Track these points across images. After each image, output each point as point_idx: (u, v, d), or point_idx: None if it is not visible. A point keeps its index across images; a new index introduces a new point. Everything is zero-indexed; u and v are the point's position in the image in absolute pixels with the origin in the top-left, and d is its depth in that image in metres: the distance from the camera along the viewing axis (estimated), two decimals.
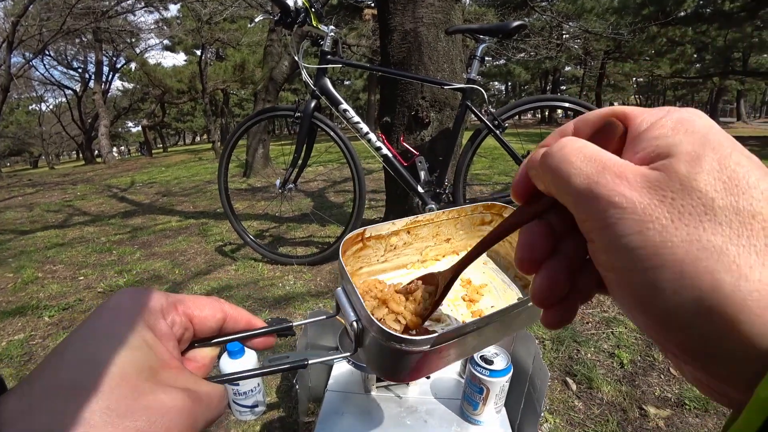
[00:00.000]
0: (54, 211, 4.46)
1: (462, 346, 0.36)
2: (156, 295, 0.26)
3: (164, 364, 0.23)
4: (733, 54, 18.83)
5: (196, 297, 0.28)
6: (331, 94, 1.87)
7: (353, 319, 0.33)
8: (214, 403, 0.24)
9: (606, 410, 1.17)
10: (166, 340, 0.25)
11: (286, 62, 5.17)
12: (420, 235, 0.50)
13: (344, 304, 0.35)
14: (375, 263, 0.50)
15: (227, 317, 0.29)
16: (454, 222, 0.51)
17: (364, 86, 22.76)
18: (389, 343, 0.31)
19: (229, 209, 2.24)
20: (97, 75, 14.30)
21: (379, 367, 0.35)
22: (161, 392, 0.21)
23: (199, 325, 0.28)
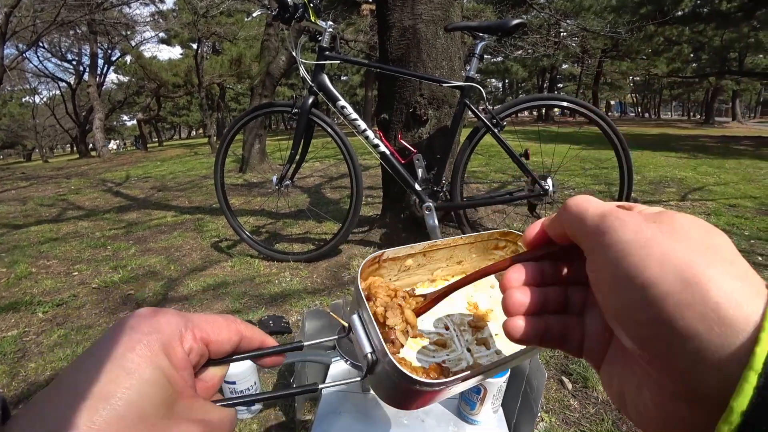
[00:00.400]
0: (48, 205, 4.42)
1: (468, 382, 0.36)
2: (174, 319, 0.25)
3: (179, 396, 0.23)
4: (730, 54, 18.94)
5: (212, 319, 0.27)
6: (329, 91, 1.85)
7: (368, 351, 0.33)
8: (226, 428, 0.25)
9: (601, 409, 1.18)
10: (182, 369, 0.24)
11: (284, 57, 5.14)
12: (435, 258, 0.51)
13: (359, 333, 0.34)
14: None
15: (242, 339, 0.29)
16: (469, 246, 0.52)
17: (361, 82, 22.70)
18: (402, 382, 0.31)
19: (225, 205, 2.23)
20: (91, 67, 14.14)
21: (387, 398, 0.35)
22: (175, 426, 0.21)
23: (215, 348, 0.27)
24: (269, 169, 5.49)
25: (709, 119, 21.79)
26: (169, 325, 0.24)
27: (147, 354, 0.22)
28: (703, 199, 3.44)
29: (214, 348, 0.27)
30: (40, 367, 1.49)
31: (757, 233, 2.55)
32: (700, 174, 4.61)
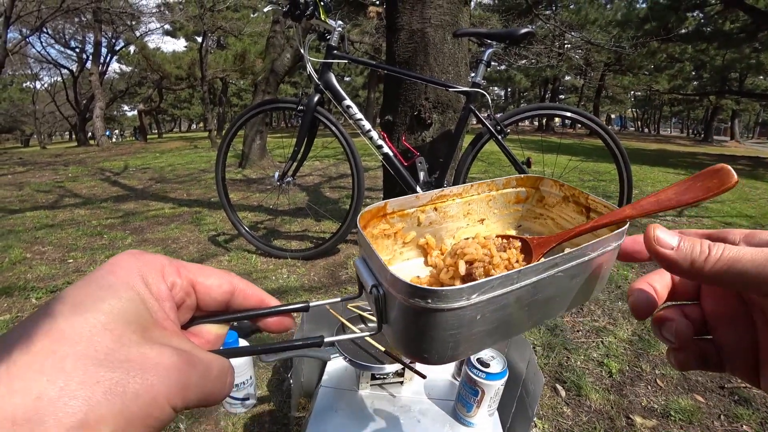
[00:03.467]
0: (44, 191, 4.39)
1: (511, 309, 0.29)
2: (158, 256, 0.24)
3: (157, 323, 0.22)
4: (731, 74, 19.13)
5: (203, 266, 0.26)
6: (336, 90, 1.86)
7: (372, 284, 0.29)
8: (213, 372, 0.22)
9: (593, 418, 1.19)
10: (163, 301, 0.23)
11: (289, 54, 5.14)
12: (449, 213, 0.45)
13: (362, 271, 0.31)
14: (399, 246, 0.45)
15: (236, 291, 0.27)
16: (486, 199, 0.46)
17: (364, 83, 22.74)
18: (414, 301, 0.26)
19: (225, 199, 2.22)
20: (94, 56, 14.09)
21: (408, 343, 0.30)
22: (148, 347, 0.20)
23: (203, 294, 0.26)
24: (269, 165, 5.49)
25: (708, 137, 21.98)
26: (153, 260, 0.24)
27: (124, 277, 0.22)
28: (699, 216, 3.46)
29: (201, 291, 0.26)
30: None
31: None
32: None
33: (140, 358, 0.19)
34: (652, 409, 1.24)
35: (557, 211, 0.45)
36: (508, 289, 0.27)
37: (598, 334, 1.60)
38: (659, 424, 1.18)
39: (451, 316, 0.26)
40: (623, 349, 1.51)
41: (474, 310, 0.27)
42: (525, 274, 0.28)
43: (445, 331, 0.27)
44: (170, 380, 0.19)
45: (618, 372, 1.39)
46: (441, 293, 0.25)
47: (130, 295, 0.21)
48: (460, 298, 0.26)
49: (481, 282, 0.26)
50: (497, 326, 0.30)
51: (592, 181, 4.78)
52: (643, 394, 1.30)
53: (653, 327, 0.28)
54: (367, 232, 0.40)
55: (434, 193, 0.43)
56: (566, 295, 0.33)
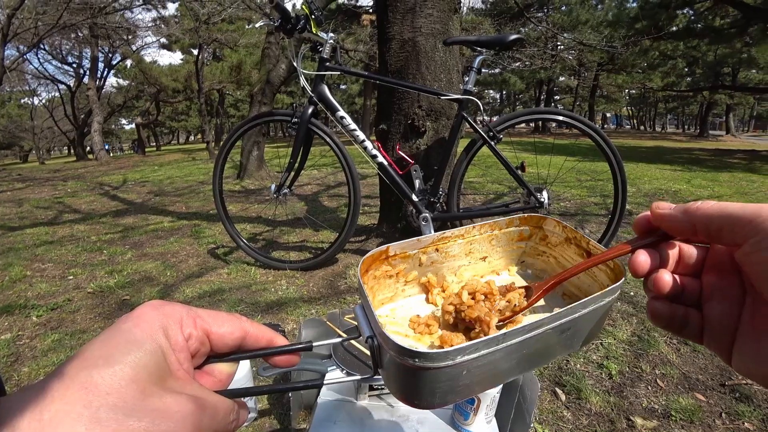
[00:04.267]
0: (44, 207, 4.40)
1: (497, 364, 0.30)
2: (178, 307, 0.27)
3: (174, 373, 0.24)
4: (723, 69, 19.26)
5: (217, 313, 0.28)
6: (329, 101, 1.88)
7: (368, 335, 0.32)
8: (220, 414, 0.25)
9: (594, 421, 1.19)
10: (179, 351, 0.25)
11: (284, 65, 5.18)
12: (451, 253, 0.46)
13: (361, 321, 0.34)
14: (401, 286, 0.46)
15: (247, 336, 0.29)
16: (488, 239, 0.47)
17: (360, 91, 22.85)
18: (404, 360, 0.28)
19: (223, 212, 2.24)
20: (92, 71, 14.18)
21: (399, 390, 0.32)
22: (168, 396, 0.22)
23: (217, 341, 0.28)
24: (267, 176, 5.51)
25: (704, 132, 22.06)
26: (172, 311, 0.26)
27: (148, 330, 0.24)
28: None
29: (215, 339, 0.28)
30: (34, 372, 1.48)
31: None
32: (694, 186, 4.67)
33: (162, 408, 0.21)
34: (653, 410, 1.24)
35: (559, 250, 0.46)
36: (494, 349, 0.29)
37: (597, 335, 1.61)
38: (660, 425, 1.19)
39: (437, 373, 0.28)
40: (623, 350, 1.52)
41: (459, 367, 0.28)
42: (510, 336, 0.29)
43: (432, 384, 0.29)
44: (186, 425, 0.22)
45: (618, 373, 1.39)
46: (428, 355, 0.27)
47: (153, 347, 0.23)
48: (446, 359, 0.27)
49: (465, 345, 0.27)
50: (484, 378, 0.31)
51: (590, 180, 4.80)
52: (643, 394, 1.30)
53: (644, 282, 0.30)
54: (369, 274, 0.41)
55: (436, 236, 0.44)
56: (555, 347, 0.34)
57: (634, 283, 2.04)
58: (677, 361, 1.46)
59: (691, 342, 1.53)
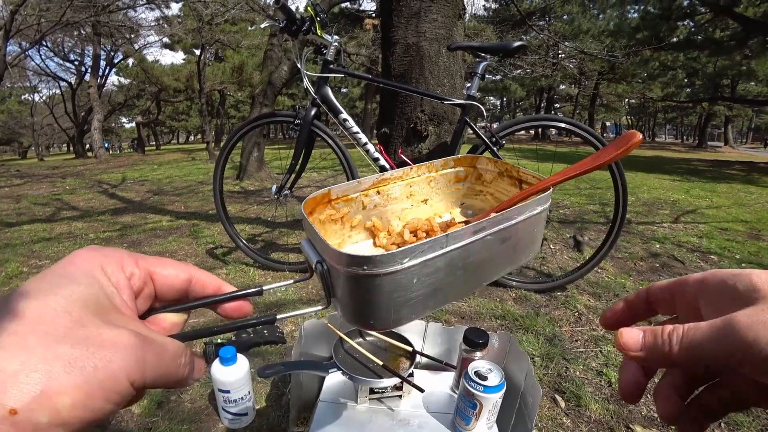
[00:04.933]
0: (42, 204, 4.38)
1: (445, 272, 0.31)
2: (117, 249, 0.26)
3: (116, 309, 0.23)
4: (722, 81, 19.40)
5: (162, 258, 0.28)
6: (332, 103, 1.88)
7: (316, 260, 0.31)
8: (169, 354, 0.23)
9: (594, 428, 1.18)
10: (122, 289, 0.24)
11: (286, 67, 5.19)
12: (392, 196, 0.47)
13: (308, 253, 0.33)
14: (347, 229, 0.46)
15: (193, 280, 0.28)
16: (427, 180, 0.48)
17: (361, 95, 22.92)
18: (352, 270, 0.27)
19: (222, 212, 2.23)
20: (93, 69, 14.19)
21: (353, 311, 0.31)
22: (106, 328, 0.21)
23: (161, 283, 0.27)
24: (267, 177, 5.50)
25: (702, 143, 22.19)
26: (112, 252, 0.25)
27: (85, 267, 0.23)
28: (696, 222, 3.48)
29: (159, 281, 0.27)
30: None
31: (749, 257, 2.58)
32: (692, 197, 4.69)
33: (99, 337, 0.20)
34: (653, 418, 1.23)
35: (495, 186, 0.48)
36: (439, 253, 0.29)
37: (597, 343, 1.61)
38: None
39: (387, 280, 0.28)
40: (622, 358, 1.51)
41: (409, 274, 0.28)
42: (454, 238, 0.29)
43: (384, 295, 0.29)
44: (127, 357, 0.20)
45: (617, 381, 1.39)
46: (375, 259, 0.27)
47: (89, 282, 0.23)
48: (393, 262, 0.27)
49: (411, 246, 0.27)
50: (435, 290, 0.31)
51: (589, 189, 4.81)
52: (643, 403, 1.30)
53: None
54: (314, 218, 0.42)
55: (375, 178, 0.45)
56: (498, 258, 0.35)
57: (633, 291, 2.03)
58: None
59: None
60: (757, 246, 2.80)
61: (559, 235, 2.88)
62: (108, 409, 0.20)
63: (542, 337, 1.62)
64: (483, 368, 0.81)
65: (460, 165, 0.49)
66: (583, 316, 1.80)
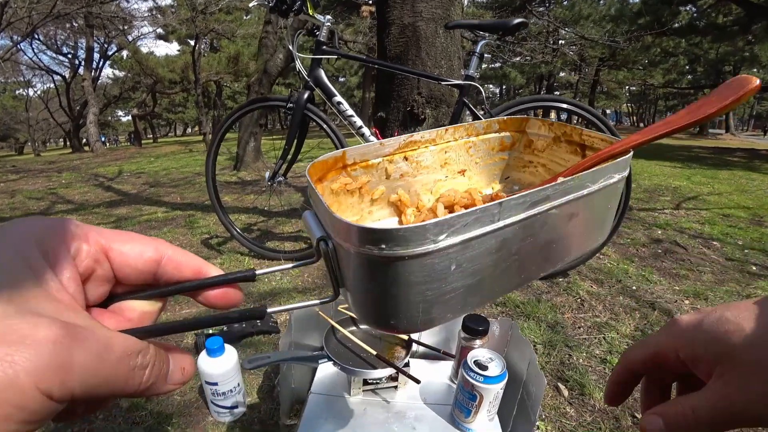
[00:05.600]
0: (36, 198, 4.33)
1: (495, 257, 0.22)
2: (66, 220, 0.21)
3: (46, 294, 0.18)
4: (725, 67, 19.17)
5: (125, 232, 0.22)
6: (326, 86, 1.81)
7: (319, 236, 0.24)
8: (114, 353, 0.17)
9: (598, 417, 1.14)
10: (63, 269, 0.19)
11: (281, 55, 5.09)
12: (423, 164, 0.37)
13: (311, 226, 0.26)
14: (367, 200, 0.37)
15: (164, 259, 0.22)
16: (465, 146, 0.39)
17: (359, 83, 22.69)
18: (366, 249, 0.20)
19: (216, 201, 2.18)
20: (87, 61, 14.00)
21: (369, 307, 0.23)
22: (19, 318, 0.16)
23: (120, 262, 0.21)
24: (264, 167, 5.44)
25: (703, 131, 22.01)
26: (56, 223, 0.20)
27: (14, 239, 0.18)
28: (697, 209, 3.43)
29: (117, 259, 0.21)
30: None
31: (751, 243, 2.54)
32: (694, 183, 4.63)
33: (3, 331, 0.15)
34: None
35: (548, 155, 0.39)
36: (488, 229, 0.21)
37: (600, 330, 1.56)
38: None
39: (415, 265, 0.20)
40: (626, 345, 1.47)
41: (445, 257, 0.20)
42: (509, 209, 0.21)
43: (410, 287, 0.21)
44: (40, 357, 0.15)
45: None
46: (398, 234, 0.19)
47: (11, 258, 0.17)
48: (424, 239, 0.19)
49: (449, 217, 0.19)
50: (479, 281, 0.22)
51: None
52: None
53: None
54: (323, 186, 0.34)
55: (402, 139, 0.36)
56: (563, 240, 0.27)
57: (636, 277, 1.99)
58: None
59: None
60: (759, 232, 2.76)
61: None
62: (11, 430, 0.14)
63: (544, 324, 1.58)
64: (483, 357, 0.76)
65: (507, 128, 0.40)
66: (586, 303, 1.76)
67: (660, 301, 1.76)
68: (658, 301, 1.76)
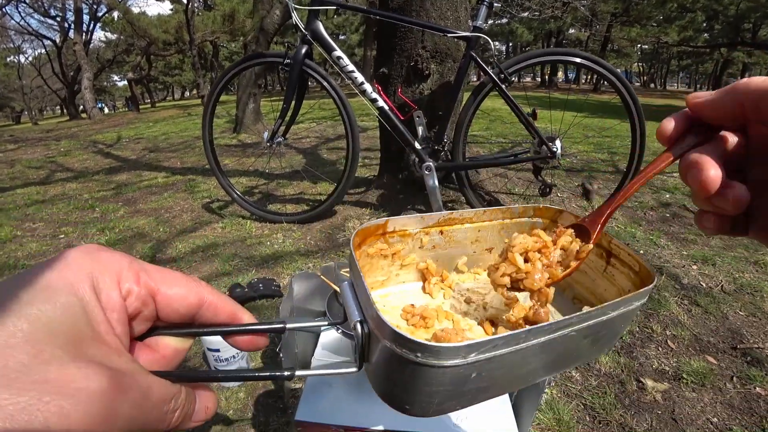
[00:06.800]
0: (36, 167, 4.28)
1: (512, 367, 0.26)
2: (118, 256, 0.21)
3: (97, 337, 0.19)
4: (744, 24, 18.20)
5: (170, 272, 0.23)
6: (324, 40, 1.70)
7: (357, 319, 0.27)
8: (152, 400, 0.19)
9: (604, 382, 1.14)
10: (111, 310, 0.20)
11: (278, 11, 4.84)
12: (455, 239, 0.42)
13: (349, 301, 0.29)
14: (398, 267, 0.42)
15: (204, 304, 0.24)
16: (498, 227, 0.43)
17: (360, 41, 21.82)
18: (402, 352, 0.23)
19: (214, 163, 2.12)
20: (76, 24, 13.42)
21: (389, 392, 0.27)
22: (74, 366, 0.17)
23: (164, 305, 0.23)
24: (264, 129, 5.31)
25: None
26: (109, 261, 0.21)
27: (69, 278, 0.19)
28: None
29: (162, 303, 0.23)
30: None
31: None
32: None
33: (59, 380, 0.16)
34: (664, 372, 1.19)
35: None
36: (513, 349, 0.24)
37: None
38: (671, 387, 1.13)
39: (441, 372, 0.23)
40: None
41: (470, 368, 0.24)
42: (535, 333, 0.25)
43: (432, 387, 0.24)
44: (92, 408, 0.16)
45: (628, 334, 1.33)
46: (434, 349, 0.22)
47: (68, 300, 0.18)
48: (456, 356, 0.23)
49: (481, 341, 0.23)
50: (494, 384, 0.27)
51: (597, 137, 4.61)
52: (654, 356, 1.25)
53: (681, 173, 0.26)
54: (362, 251, 0.37)
55: (442, 215, 0.40)
56: (575, 353, 0.30)
57: (644, 241, 1.95)
58: (688, 323, 1.39)
59: (703, 303, 1.47)
60: None
61: (567, 184, 2.76)
62: None
63: None
64: None
65: (540, 216, 0.43)
66: None
67: (668, 266, 1.72)
68: (666, 265, 1.73)
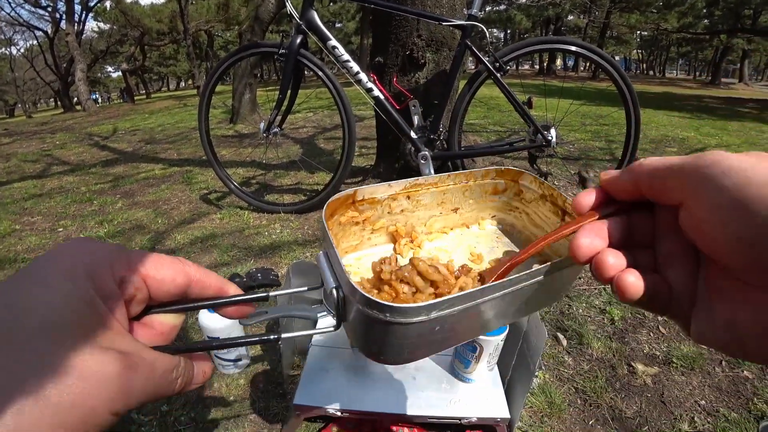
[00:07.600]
0: (32, 161, 4.25)
1: (470, 319, 0.29)
2: (107, 247, 0.23)
3: (102, 324, 0.21)
4: (744, 11, 18.02)
5: (157, 255, 0.25)
6: (319, 29, 1.69)
7: (333, 286, 0.30)
8: (158, 372, 0.22)
9: (595, 366, 1.16)
10: (110, 297, 0.22)
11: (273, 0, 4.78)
12: (422, 202, 0.44)
13: (324, 270, 0.31)
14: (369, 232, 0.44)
15: (192, 282, 0.26)
16: (462, 189, 0.46)
17: (356, 29, 21.57)
18: (374, 313, 0.26)
19: (211, 154, 2.12)
20: (68, 14, 13.16)
21: (365, 345, 0.30)
22: (89, 353, 0.19)
23: (156, 287, 0.25)
24: (260, 119, 5.28)
25: (716, 80, 21.17)
26: (101, 251, 0.23)
27: (68, 272, 0.21)
28: None
29: (153, 285, 0.25)
30: None
31: None
32: (702, 135, 4.49)
33: (79, 366, 0.18)
34: (654, 356, 1.21)
35: (533, 207, 0.46)
36: (470, 305, 0.27)
37: None
38: (661, 371, 1.16)
39: (408, 328, 0.26)
40: None
41: (433, 323, 0.26)
42: (489, 292, 0.28)
43: (401, 340, 0.27)
44: (111, 388, 0.19)
45: (620, 319, 1.36)
46: (401, 309, 0.25)
47: (74, 294, 0.20)
48: (420, 314, 0.25)
49: (441, 300, 0.25)
50: (456, 334, 0.30)
51: (594, 125, 4.61)
52: (645, 341, 1.27)
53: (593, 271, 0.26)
54: (334, 220, 0.40)
55: (408, 182, 0.43)
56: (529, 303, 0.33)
57: None
58: None
59: None
60: None
61: (564, 172, 2.77)
62: None
63: None
64: None
65: (502, 177, 0.47)
66: None
67: None
68: None
